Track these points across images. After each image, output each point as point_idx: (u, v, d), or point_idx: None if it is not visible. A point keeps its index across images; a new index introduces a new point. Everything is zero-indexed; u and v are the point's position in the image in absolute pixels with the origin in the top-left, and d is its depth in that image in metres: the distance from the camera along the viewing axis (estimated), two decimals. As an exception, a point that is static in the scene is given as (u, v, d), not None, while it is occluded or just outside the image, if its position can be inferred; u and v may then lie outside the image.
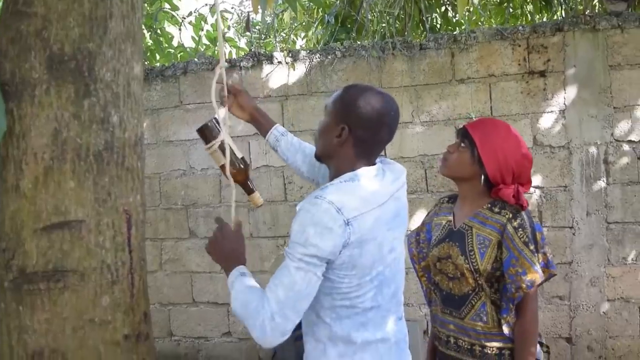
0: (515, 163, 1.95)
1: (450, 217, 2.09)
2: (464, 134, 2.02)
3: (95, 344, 1.64)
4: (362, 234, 1.54)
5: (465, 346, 1.97)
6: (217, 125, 1.83)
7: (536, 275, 1.87)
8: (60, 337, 1.61)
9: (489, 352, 1.93)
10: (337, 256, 1.52)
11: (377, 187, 1.63)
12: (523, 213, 1.93)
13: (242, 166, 1.84)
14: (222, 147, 1.80)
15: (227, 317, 4.57)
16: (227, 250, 1.75)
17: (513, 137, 1.99)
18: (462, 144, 2.01)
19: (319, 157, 1.77)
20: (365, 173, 1.63)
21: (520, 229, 1.90)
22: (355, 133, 1.64)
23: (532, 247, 1.88)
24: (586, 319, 4.00)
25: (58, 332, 1.61)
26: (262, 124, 2.10)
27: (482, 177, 1.97)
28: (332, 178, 1.68)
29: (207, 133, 1.82)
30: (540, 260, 1.91)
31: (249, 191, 1.88)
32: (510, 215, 1.92)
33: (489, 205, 1.98)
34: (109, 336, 1.66)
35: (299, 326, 3.84)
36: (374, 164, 1.70)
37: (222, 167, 1.81)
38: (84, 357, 1.63)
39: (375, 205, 1.59)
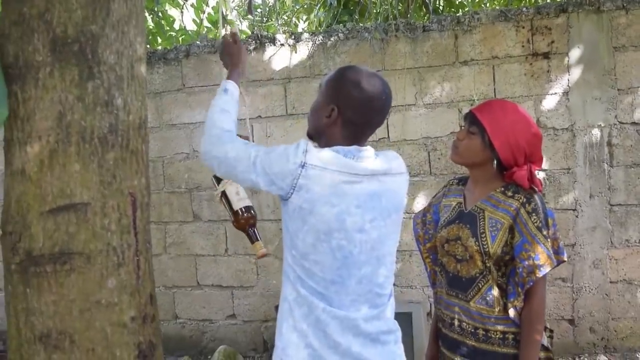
0: (526, 143, 1.92)
1: (461, 199, 2.07)
2: (472, 119, 1.98)
3: (102, 326, 1.65)
4: (314, 187, 1.57)
5: (469, 329, 1.97)
6: None
7: (549, 260, 1.86)
8: (67, 319, 1.62)
9: (493, 335, 1.93)
10: (284, 190, 1.61)
11: (356, 160, 1.64)
12: (536, 197, 1.91)
13: (244, 216, 1.96)
14: (223, 197, 1.96)
15: (231, 299, 4.60)
16: (226, 55, 2.03)
17: (522, 117, 1.96)
18: (471, 130, 1.97)
19: (310, 135, 1.79)
20: (365, 154, 1.66)
21: (534, 214, 1.88)
22: (345, 115, 1.66)
23: (545, 233, 1.87)
24: (589, 301, 4.02)
25: (65, 314, 1.62)
26: None
27: (495, 161, 1.96)
28: None
29: (216, 181, 1.99)
30: (551, 246, 1.90)
31: (251, 240, 1.98)
32: (524, 200, 1.90)
33: (502, 189, 1.96)
34: (116, 318, 1.67)
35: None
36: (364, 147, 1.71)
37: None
38: (91, 339, 1.64)
39: (345, 172, 1.59)
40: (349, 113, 1.66)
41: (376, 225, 1.66)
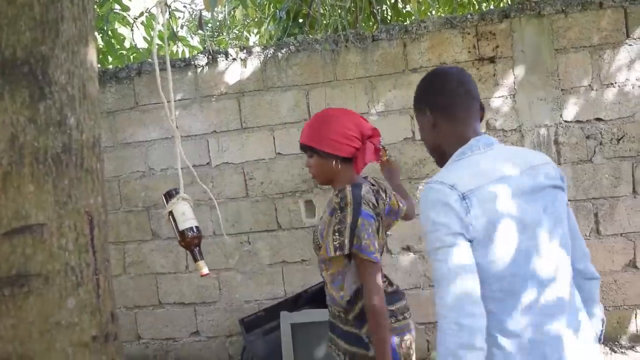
0: (348, 129, 2.11)
1: None
2: (302, 147, 2.21)
3: (63, 347, 1.64)
4: (486, 206, 1.45)
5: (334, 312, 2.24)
6: (174, 194, 2.01)
7: (324, 252, 2.08)
8: (27, 342, 1.60)
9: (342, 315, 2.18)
10: (469, 232, 1.44)
11: (491, 160, 1.55)
12: (347, 190, 2.08)
13: (189, 235, 2.00)
14: (171, 216, 2.00)
15: (194, 316, 4.57)
16: None
17: (333, 112, 2.18)
18: (308, 155, 2.20)
19: (438, 162, 1.73)
20: (475, 144, 1.60)
21: (339, 200, 2.09)
22: (436, 106, 1.68)
23: (337, 220, 2.06)
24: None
25: (25, 337, 1.60)
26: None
27: (338, 160, 2.14)
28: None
29: (166, 200, 2.02)
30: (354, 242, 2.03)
31: (194, 259, 2.03)
32: (337, 192, 2.12)
33: (336, 192, 2.15)
34: (77, 338, 1.66)
35: (269, 319, 3.83)
36: (479, 133, 1.67)
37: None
38: (53, 361, 1.62)
39: (495, 178, 1.49)
40: (437, 101, 1.67)
41: (550, 213, 1.55)
